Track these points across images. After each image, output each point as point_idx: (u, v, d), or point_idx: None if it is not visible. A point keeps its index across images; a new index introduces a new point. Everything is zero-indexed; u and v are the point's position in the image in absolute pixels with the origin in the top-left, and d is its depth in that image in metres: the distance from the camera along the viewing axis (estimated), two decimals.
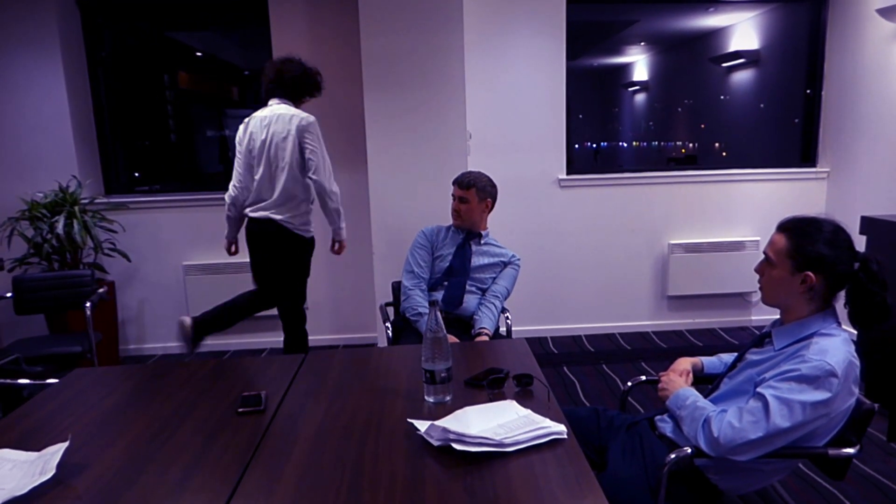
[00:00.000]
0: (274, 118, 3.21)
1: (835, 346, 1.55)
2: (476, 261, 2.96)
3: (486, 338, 2.74)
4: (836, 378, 1.50)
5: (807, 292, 1.62)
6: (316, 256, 4.66)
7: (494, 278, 2.97)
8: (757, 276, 1.75)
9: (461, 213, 2.96)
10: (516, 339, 2.43)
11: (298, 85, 3.32)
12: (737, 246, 4.71)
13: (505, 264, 2.99)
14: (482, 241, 3.01)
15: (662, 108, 6.72)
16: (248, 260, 4.53)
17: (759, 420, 1.52)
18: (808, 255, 1.59)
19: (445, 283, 2.94)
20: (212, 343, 4.72)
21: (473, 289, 2.95)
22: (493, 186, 3.02)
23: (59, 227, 3.92)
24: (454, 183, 3.00)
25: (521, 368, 1.93)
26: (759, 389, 1.57)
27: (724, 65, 5.65)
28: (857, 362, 1.57)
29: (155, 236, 4.56)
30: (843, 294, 1.64)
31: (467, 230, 3.00)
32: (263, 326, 4.73)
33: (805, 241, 1.60)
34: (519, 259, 3.02)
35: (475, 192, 2.94)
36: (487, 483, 1.34)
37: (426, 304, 2.88)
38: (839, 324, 1.64)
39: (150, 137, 4.91)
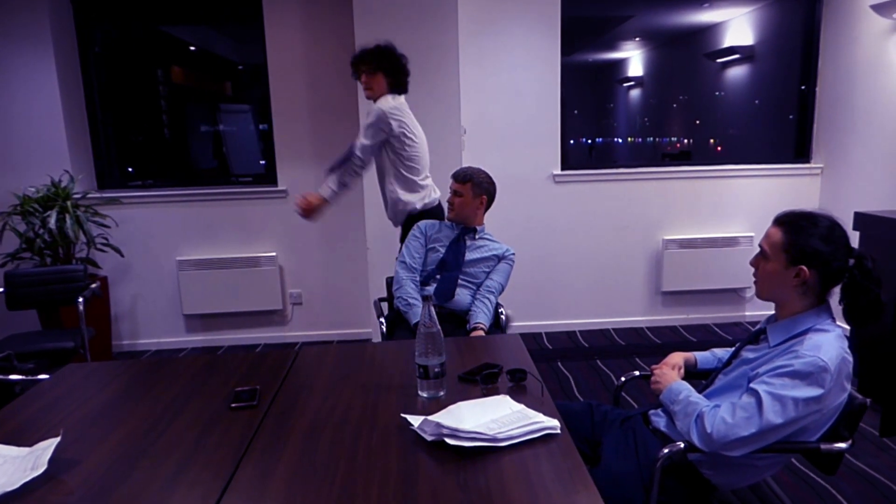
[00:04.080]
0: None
1: (828, 342, 1.55)
2: (469, 255, 2.96)
3: (481, 332, 2.74)
4: (829, 374, 1.50)
5: (800, 286, 1.62)
6: (309, 252, 4.68)
7: (488, 273, 2.97)
8: (752, 270, 1.75)
9: (455, 206, 2.97)
10: (510, 334, 2.43)
11: None
12: (731, 242, 4.72)
13: (499, 259, 2.99)
14: (477, 237, 3.01)
15: (657, 103, 6.72)
16: (243, 255, 4.56)
17: (751, 416, 1.53)
18: (803, 250, 1.59)
19: (438, 276, 2.95)
20: (206, 339, 4.72)
21: (466, 283, 2.95)
22: (491, 184, 3.00)
23: (52, 222, 3.90)
24: (452, 176, 3.00)
25: (514, 363, 1.93)
26: (752, 385, 1.57)
27: (719, 60, 5.65)
28: (850, 358, 1.57)
29: (148, 231, 4.54)
30: (837, 290, 1.64)
31: (462, 225, 3.00)
32: (256, 322, 4.73)
33: (800, 236, 1.60)
34: (513, 253, 3.02)
35: (471, 186, 2.94)
36: (480, 478, 1.34)
37: (417, 297, 2.89)
38: (833, 320, 1.64)
39: (144, 132, 4.89)
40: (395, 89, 3.28)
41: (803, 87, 4.81)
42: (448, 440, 1.44)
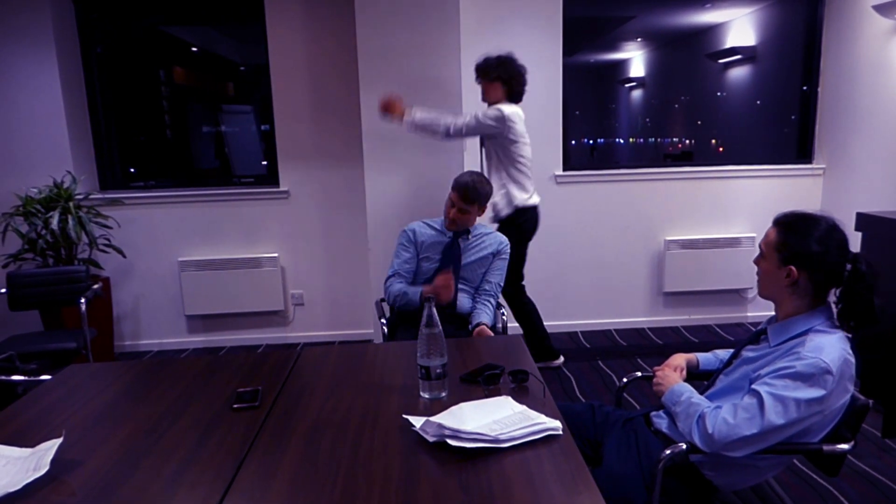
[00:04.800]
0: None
1: (830, 344, 1.55)
2: (466, 258, 2.92)
3: (486, 330, 2.69)
4: (831, 375, 1.50)
5: (791, 286, 1.63)
6: (311, 253, 4.68)
7: (485, 272, 2.94)
8: (755, 270, 1.76)
9: (457, 221, 2.89)
10: (512, 335, 2.43)
11: None
12: (732, 242, 4.72)
13: (494, 256, 2.94)
14: (470, 236, 2.96)
15: (659, 104, 6.71)
16: (244, 256, 4.57)
17: (753, 416, 1.53)
18: (794, 250, 1.61)
19: None
20: (208, 339, 4.73)
21: (465, 287, 2.93)
22: (491, 190, 3.01)
23: (54, 223, 3.90)
24: (456, 189, 2.87)
25: (516, 364, 1.93)
26: (753, 386, 1.57)
27: (721, 61, 5.65)
28: (853, 360, 1.57)
29: (150, 232, 4.54)
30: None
31: (455, 230, 2.93)
32: (258, 323, 4.74)
33: (793, 236, 1.62)
34: (507, 244, 2.97)
35: (477, 206, 2.89)
36: (482, 479, 1.34)
37: (405, 286, 2.85)
38: (834, 321, 1.64)
39: (146, 133, 4.89)
40: (511, 98, 3.62)
41: (805, 88, 4.81)
42: (450, 441, 1.44)
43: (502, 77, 3.57)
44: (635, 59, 6.88)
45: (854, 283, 1.57)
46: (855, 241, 3.25)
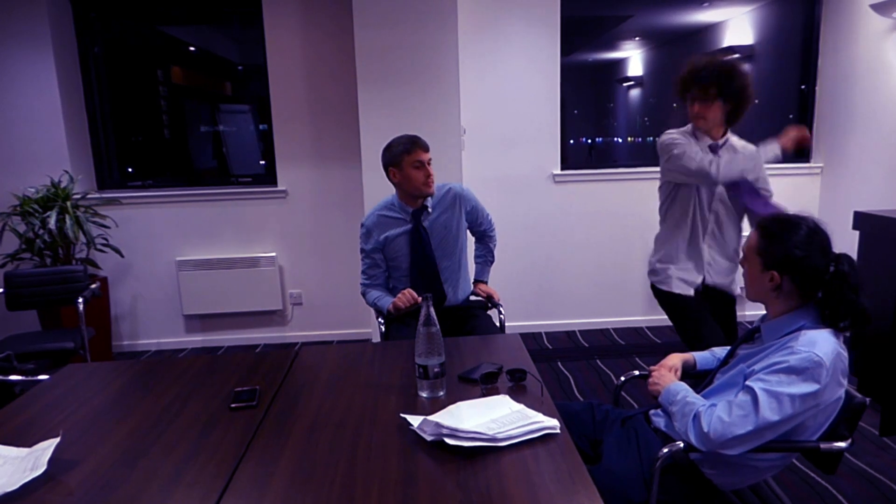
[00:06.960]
0: None
1: (823, 338, 1.56)
2: (434, 238, 2.72)
3: (483, 287, 2.78)
4: (824, 369, 1.51)
5: (774, 290, 1.64)
6: (309, 252, 4.67)
7: (465, 230, 2.81)
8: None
9: (432, 177, 2.62)
10: (510, 334, 2.43)
11: None
12: None
13: (460, 213, 2.76)
14: (430, 208, 2.73)
15: (657, 103, 6.71)
16: (242, 255, 4.56)
17: (748, 414, 1.53)
18: (775, 255, 1.62)
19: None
20: (206, 339, 4.73)
21: (448, 270, 2.79)
22: None
23: (51, 223, 3.90)
24: (419, 148, 2.58)
25: (514, 363, 1.93)
26: (748, 383, 1.58)
27: None
28: (845, 354, 1.58)
29: (148, 232, 4.54)
30: None
31: (412, 208, 2.71)
32: (256, 322, 4.73)
33: (774, 241, 1.63)
34: (461, 189, 2.78)
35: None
36: (480, 478, 1.35)
37: (379, 294, 2.76)
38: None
39: (143, 132, 4.88)
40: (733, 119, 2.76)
41: (803, 87, 4.81)
42: (448, 440, 1.45)
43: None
44: (633, 58, 6.88)
45: (837, 284, 1.57)
46: (852, 240, 3.24)
